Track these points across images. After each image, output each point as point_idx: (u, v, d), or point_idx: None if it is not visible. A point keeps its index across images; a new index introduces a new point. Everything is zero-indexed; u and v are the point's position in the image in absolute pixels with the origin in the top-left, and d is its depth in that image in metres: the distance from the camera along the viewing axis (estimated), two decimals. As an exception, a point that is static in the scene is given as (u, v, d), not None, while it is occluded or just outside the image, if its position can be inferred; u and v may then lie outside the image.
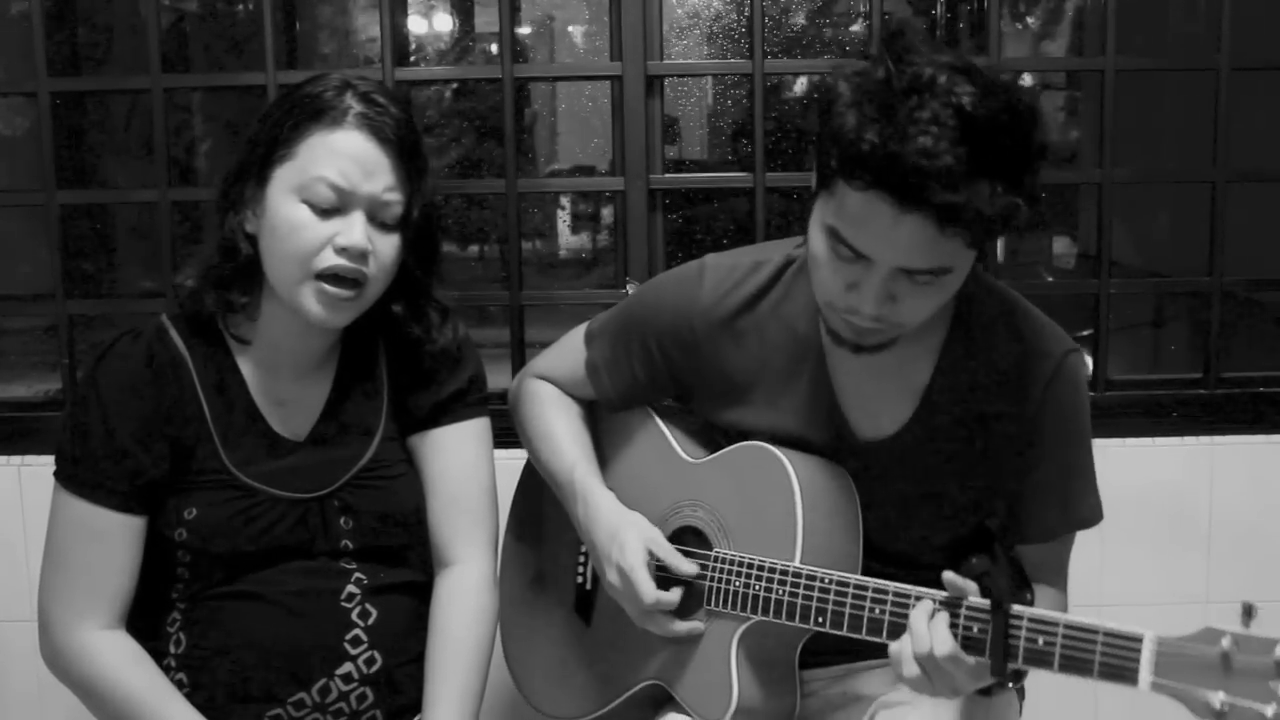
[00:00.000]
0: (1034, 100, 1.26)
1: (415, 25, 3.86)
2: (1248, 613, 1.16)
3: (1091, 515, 1.51)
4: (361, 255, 1.44)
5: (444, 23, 3.96)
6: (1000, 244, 2.94)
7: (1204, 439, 2.29)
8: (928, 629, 1.28)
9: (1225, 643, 1.12)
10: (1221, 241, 2.31)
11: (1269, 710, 1.09)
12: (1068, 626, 1.22)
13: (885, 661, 1.56)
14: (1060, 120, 4.52)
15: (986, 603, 1.26)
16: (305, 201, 1.43)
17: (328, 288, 1.44)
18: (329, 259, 1.43)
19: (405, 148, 1.47)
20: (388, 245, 1.47)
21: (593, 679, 1.67)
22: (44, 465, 1.52)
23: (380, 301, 1.53)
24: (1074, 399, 1.46)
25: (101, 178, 3.11)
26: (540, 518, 1.79)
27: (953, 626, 1.28)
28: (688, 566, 1.51)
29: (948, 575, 1.28)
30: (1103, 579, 1.53)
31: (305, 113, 1.45)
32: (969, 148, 1.19)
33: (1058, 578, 1.53)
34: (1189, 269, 2.45)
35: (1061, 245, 4.47)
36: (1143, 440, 2.28)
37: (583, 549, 1.70)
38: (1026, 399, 1.44)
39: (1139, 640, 1.17)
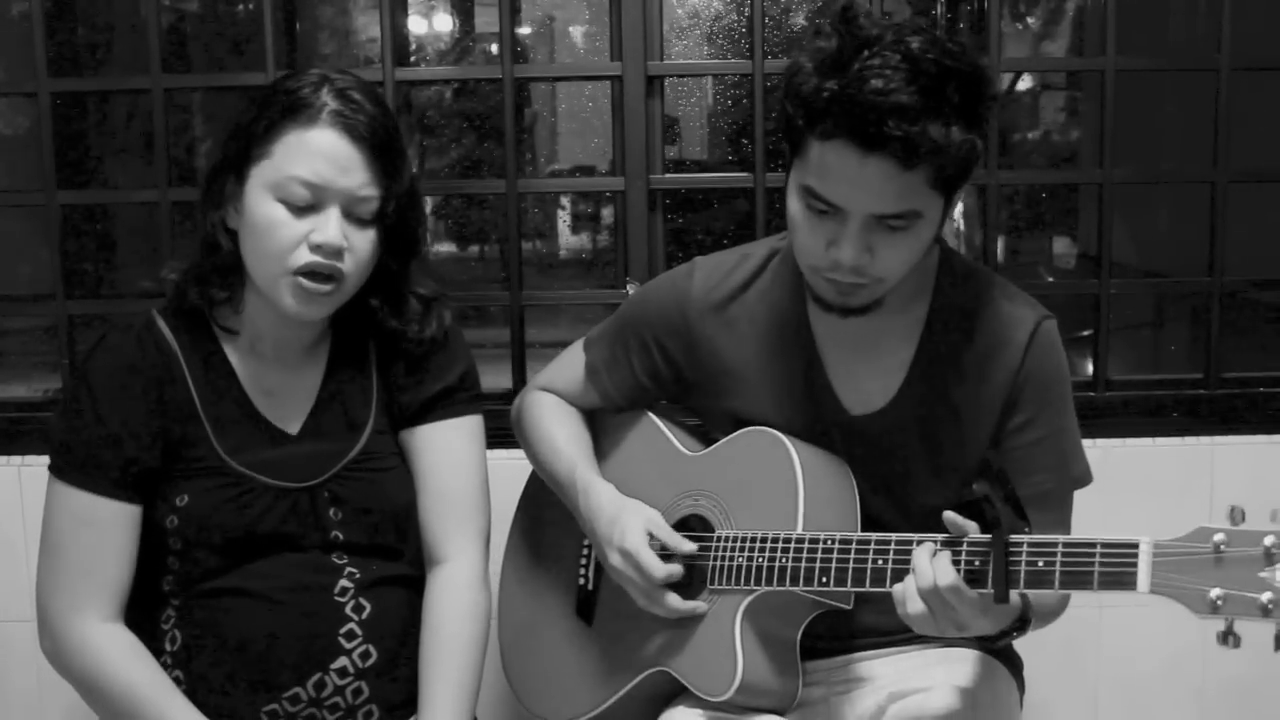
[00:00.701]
0: (980, 59, 1.36)
1: (415, 25, 3.86)
2: (1235, 514, 1.19)
3: (1084, 475, 1.56)
4: (336, 252, 1.46)
5: (444, 23, 3.96)
6: (1000, 244, 2.94)
7: (1204, 439, 2.29)
8: (930, 564, 1.31)
9: (1217, 538, 1.17)
10: (1221, 241, 2.31)
11: (1264, 596, 1.14)
12: (1066, 545, 1.27)
13: (886, 651, 1.59)
14: (1060, 120, 4.52)
15: (987, 538, 1.30)
16: (281, 200, 1.45)
17: (304, 283, 1.46)
18: (304, 256, 1.45)
19: (380, 144, 1.48)
20: (364, 240, 1.49)
21: (594, 676, 1.67)
22: (44, 465, 1.53)
23: (363, 294, 1.55)
24: (1054, 360, 1.52)
25: (101, 178, 3.11)
26: (542, 528, 1.80)
27: (954, 563, 1.31)
28: (686, 545, 1.54)
29: (948, 515, 1.32)
30: (1103, 579, 1.56)
31: (281, 110, 1.46)
32: (920, 86, 1.29)
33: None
34: (1189, 269, 2.45)
35: (1061, 245, 4.47)
36: (1143, 440, 2.28)
37: (585, 549, 1.71)
38: (1007, 364, 1.50)
39: (1135, 546, 1.22)
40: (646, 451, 1.69)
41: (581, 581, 1.72)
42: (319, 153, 1.45)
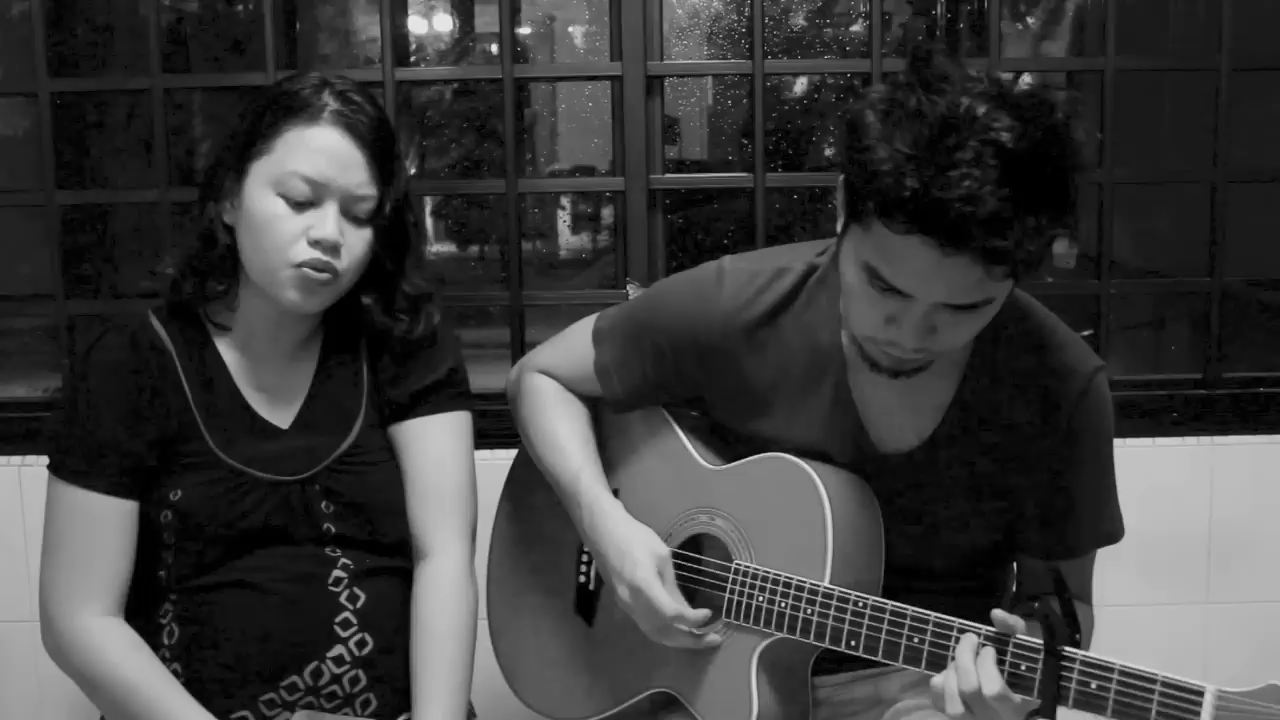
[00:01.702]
0: (1067, 109, 1.22)
1: (415, 25, 3.85)
2: None
3: (1116, 531, 1.51)
4: (334, 248, 1.48)
5: (444, 23, 3.95)
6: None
7: (1204, 439, 2.29)
8: (974, 665, 1.25)
9: None
10: (1221, 241, 2.31)
11: None
12: (1123, 673, 1.20)
13: (893, 668, 1.54)
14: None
15: (1034, 641, 1.25)
16: (281, 195, 1.48)
17: (308, 273, 1.48)
18: (304, 252, 1.47)
19: (379, 144, 1.51)
20: (359, 239, 1.51)
21: (596, 681, 1.66)
22: (44, 465, 1.53)
23: (357, 291, 1.57)
24: (1103, 417, 1.45)
25: (101, 178, 3.11)
26: (533, 516, 1.78)
27: (999, 663, 1.26)
28: (692, 614, 1.48)
29: (997, 614, 1.26)
30: (1103, 580, 1.55)
31: (283, 109, 1.49)
32: (1013, 188, 1.15)
33: (1083, 592, 1.52)
34: (1189, 269, 2.45)
35: (1061, 245, 4.46)
36: (1143, 440, 2.28)
37: (585, 549, 1.69)
38: (1056, 417, 1.42)
39: (1200, 694, 1.15)
40: (660, 456, 1.63)
41: (582, 580, 1.70)
42: (321, 149, 1.47)
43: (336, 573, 1.56)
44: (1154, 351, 3.83)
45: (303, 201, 1.47)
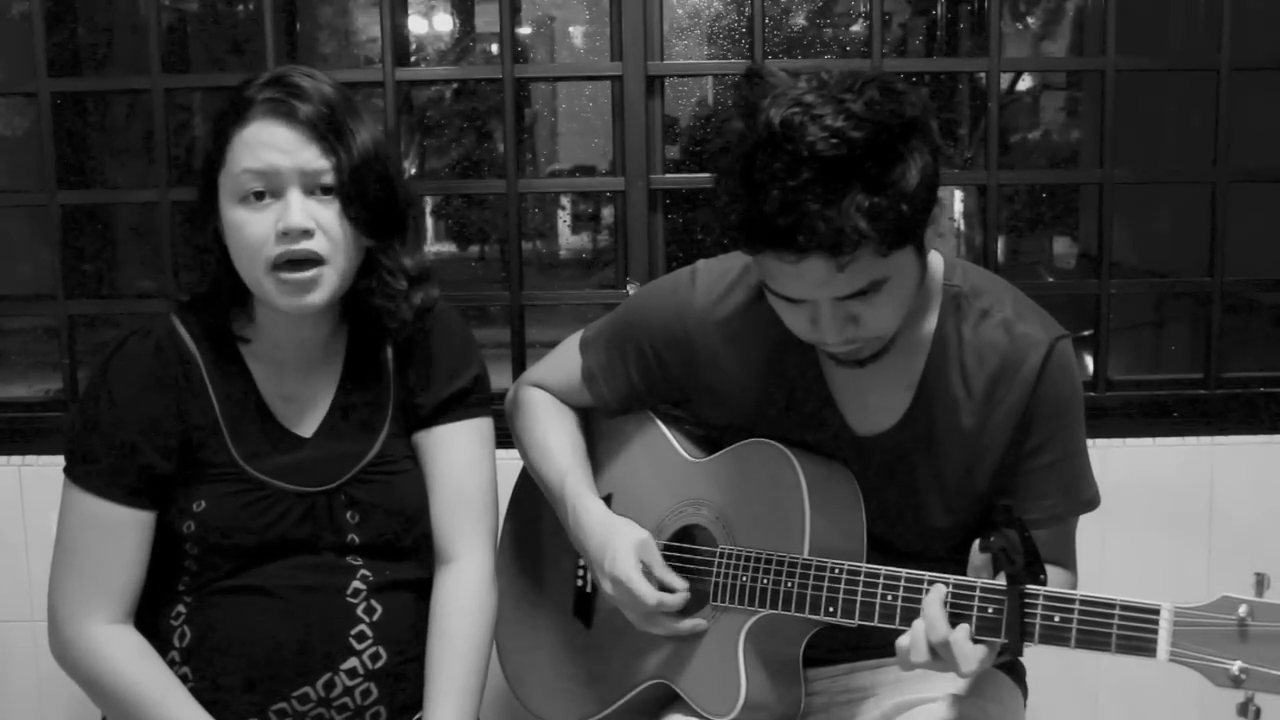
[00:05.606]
0: (884, 86, 1.27)
1: (415, 25, 3.86)
2: (1261, 582, 1.17)
3: (1094, 499, 1.53)
4: (305, 233, 1.45)
5: (444, 23, 3.95)
6: (1000, 244, 2.94)
7: (1204, 439, 2.29)
8: (941, 615, 1.29)
9: (1241, 611, 1.15)
10: (1222, 241, 2.31)
11: None
12: (1084, 602, 1.24)
13: (888, 660, 1.55)
14: (1060, 120, 4.52)
15: (1001, 584, 1.28)
16: (241, 200, 1.46)
17: (285, 275, 1.45)
18: (275, 248, 1.45)
19: (319, 118, 1.46)
20: (332, 214, 1.47)
21: (594, 681, 1.67)
22: (45, 465, 1.53)
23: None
24: (1069, 383, 1.48)
25: (102, 178, 3.11)
26: (537, 522, 1.79)
27: (968, 608, 1.29)
28: (678, 583, 1.52)
29: (976, 553, 1.30)
30: (1103, 580, 1.55)
31: (226, 119, 1.48)
32: (825, 183, 1.23)
33: (1067, 558, 1.54)
34: (1189, 269, 2.45)
35: (1061, 245, 4.47)
36: (1143, 440, 2.28)
37: (581, 551, 1.70)
38: (1021, 387, 1.45)
39: (1156, 613, 1.20)
40: (648, 455, 1.67)
41: (579, 584, 1.71)
42: (258, 142, 1.45)
43: (355, 584, 1.55)
44: (1154, 351, 3.83)
45: (263, 198, 1.45)
